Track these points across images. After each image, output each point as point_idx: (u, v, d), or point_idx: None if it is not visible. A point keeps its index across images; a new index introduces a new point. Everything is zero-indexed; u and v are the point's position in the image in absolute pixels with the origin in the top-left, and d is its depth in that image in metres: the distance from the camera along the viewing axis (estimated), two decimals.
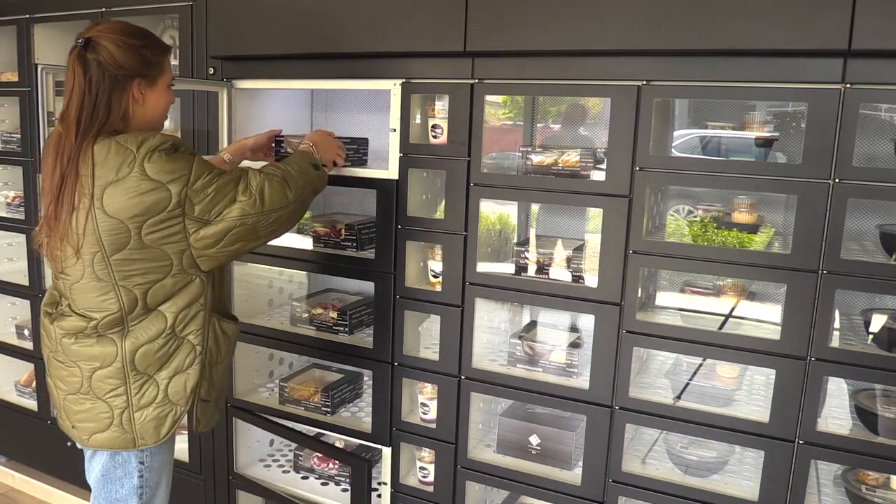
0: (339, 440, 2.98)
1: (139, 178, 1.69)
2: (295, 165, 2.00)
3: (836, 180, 1.86)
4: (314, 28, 2.44)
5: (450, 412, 2.45)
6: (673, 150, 2.38)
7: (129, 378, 1.83)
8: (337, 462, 2.91)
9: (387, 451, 2.61)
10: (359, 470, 2.60)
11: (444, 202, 2.38)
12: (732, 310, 2.21)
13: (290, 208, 1.93)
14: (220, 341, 1.98)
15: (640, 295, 2.20)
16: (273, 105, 2.95)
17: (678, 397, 2.20)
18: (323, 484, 2.92)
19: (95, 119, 1.73)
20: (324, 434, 2.87)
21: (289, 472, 3.01)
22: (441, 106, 2.36)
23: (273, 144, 2.51)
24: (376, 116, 2.99)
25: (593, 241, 2.22)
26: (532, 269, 2.34)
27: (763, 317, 2.17)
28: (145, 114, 1.84)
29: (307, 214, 3.11)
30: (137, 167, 1.69)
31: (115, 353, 1.81)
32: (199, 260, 1.83)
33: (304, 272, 3.15)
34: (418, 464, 2.63)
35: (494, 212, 2.53)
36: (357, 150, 2.52)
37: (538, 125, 2.70)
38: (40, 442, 3.48)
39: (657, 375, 2.38)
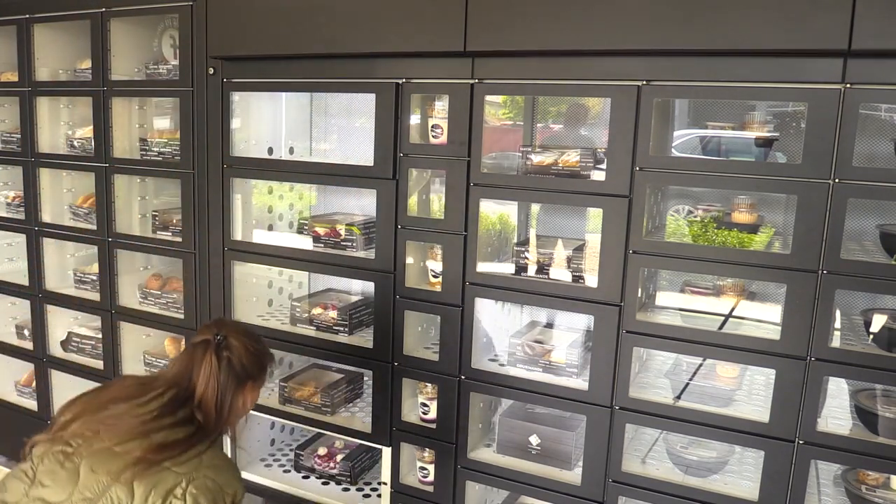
0: (339, 440, 2.99)
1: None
2: None
3: (836, 180, 1.86)
4: (314, 28, 2.43)
5: (450, 412, 2.45)
6: (673, 150, 2.38)
7: None
8: (337, 461, 2.91)
9: (387, 451, 2.61)
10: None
11: (443, 202, 2.39)
12: (732, 310, 2.21)
13: None
14: None
15: (640, 295, 2.20)
16: (272, 107, 2.95)
17: (678, 397, 2.20)
18: (324, 483, 2.92)
19: (222, 419, 1.80)
20: (324, 434, 2.87)
21: (290, 471, 3.01)
22: (441, 106, 2.36)
23: None
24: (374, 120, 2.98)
25: (593, 241, 2.22)
26: (532, 269, 2.34)
27: (763, 317, 2.17)
28: (238, 410, 1.88)
29: (306, 215, 3.13)
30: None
31: None
32: None
33: (304, 272, 3.15)
34: (418, 464, 2.63)
35: (494, 212, 2.53)
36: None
37: (538, 125, 2.70)
38: None
39: (657, 375, 2.38)
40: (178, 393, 1.78)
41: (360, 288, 3.01)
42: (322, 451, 2.96)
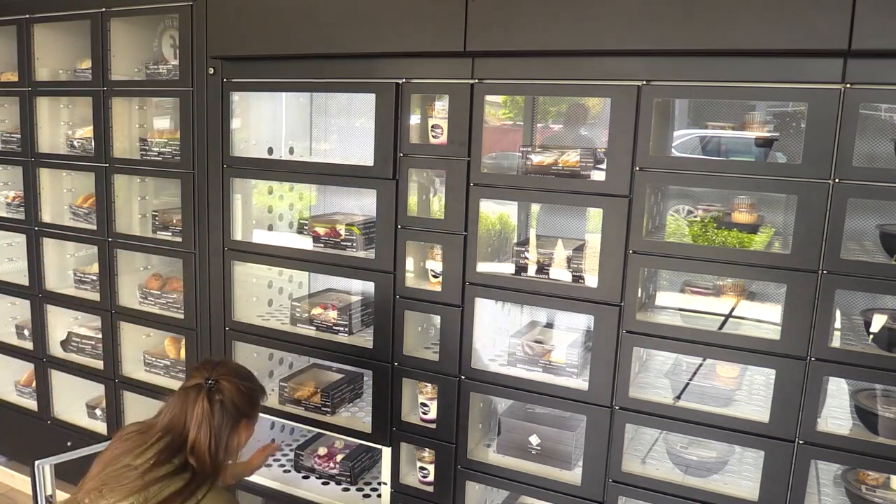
0: (339, 440, 2.99)
1: None
2: None
3: (836, 180, 1.86)
4: (314, 28, 2.43)
5: (450, 412, 2.45)
6: (673, 150, 2.38)
7: None
8: (337, 461, 2.91)
9: (387, 451, 2.61)
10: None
11: (443, 202, 2.39)
12: (732, 310, 2.21)
13: None
14: None
15: (640, 295, 2.20)
16: (272, 107, 2.95)
17: (678, 397, 2.20)
18: (324, 483, 2.92)
19: (218, 461, 1.84)
20: (324, 434, 2.87)
21: (289, 471, 3.01)
22: (441, 106, 2.36)
23: None
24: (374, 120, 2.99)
25: (593, 241, 2.22)
26: (532, 269, 2.34)
27: (763, 317, 2.17)
28: (234, 448, 1.93)
29: (306, 215, 3.13)
30: None
31: None
32: None
33: (304, 272, 3.15)
34: (418, 464, 2.63)
35: (494, 212, 2.53)
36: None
37: (538, 125, 2.70)
38: (40, 442, 3.48)
39: (657, 375, 2.38)
40: (173, 440, 1.82)
41: (360, 288, 3.01)
42: (322, 451, 2.96)
